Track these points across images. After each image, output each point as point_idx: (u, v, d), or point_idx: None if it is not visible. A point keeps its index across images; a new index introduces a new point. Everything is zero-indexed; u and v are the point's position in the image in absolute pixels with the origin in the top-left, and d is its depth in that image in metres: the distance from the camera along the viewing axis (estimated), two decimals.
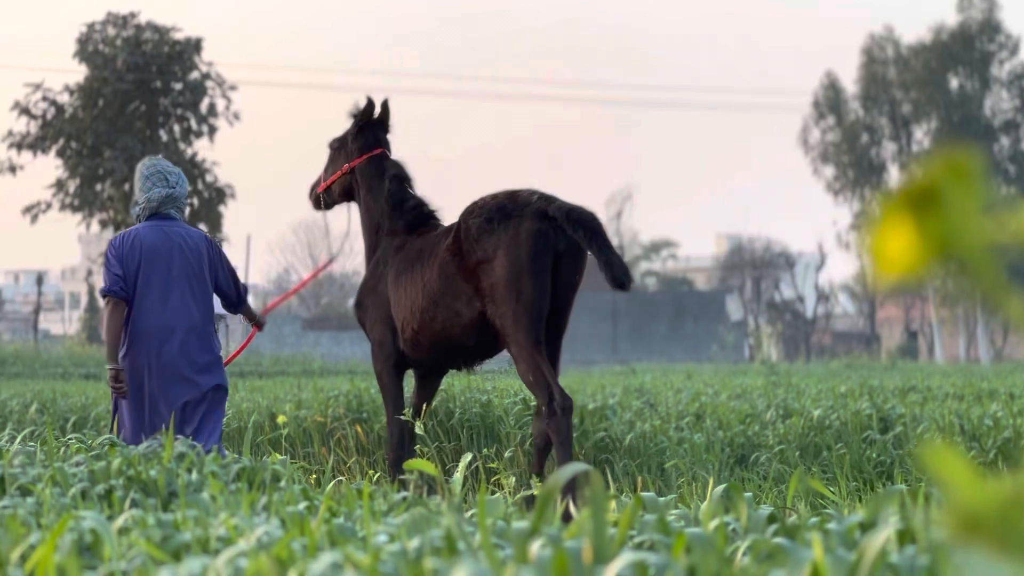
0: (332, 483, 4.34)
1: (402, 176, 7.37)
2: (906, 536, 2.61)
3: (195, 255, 6.97)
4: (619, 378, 20.07)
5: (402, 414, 7.08)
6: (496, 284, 6.48)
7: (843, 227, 57.06)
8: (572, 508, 4.90)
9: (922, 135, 56.35)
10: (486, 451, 7.87)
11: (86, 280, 47.39)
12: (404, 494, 3.74)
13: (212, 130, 38.29)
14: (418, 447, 6.99)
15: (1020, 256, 1.05)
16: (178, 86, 38.26)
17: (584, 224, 6.37)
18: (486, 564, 2.30)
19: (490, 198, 6.70)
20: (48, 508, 3.47)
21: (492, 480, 7.64)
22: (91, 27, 38.52)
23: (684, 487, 7.49)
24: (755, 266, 62.50)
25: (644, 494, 3.30)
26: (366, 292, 7.28)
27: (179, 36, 38.61)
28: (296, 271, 72.38)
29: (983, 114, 55.30)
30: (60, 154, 37.44)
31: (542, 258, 6.44)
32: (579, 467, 2.76)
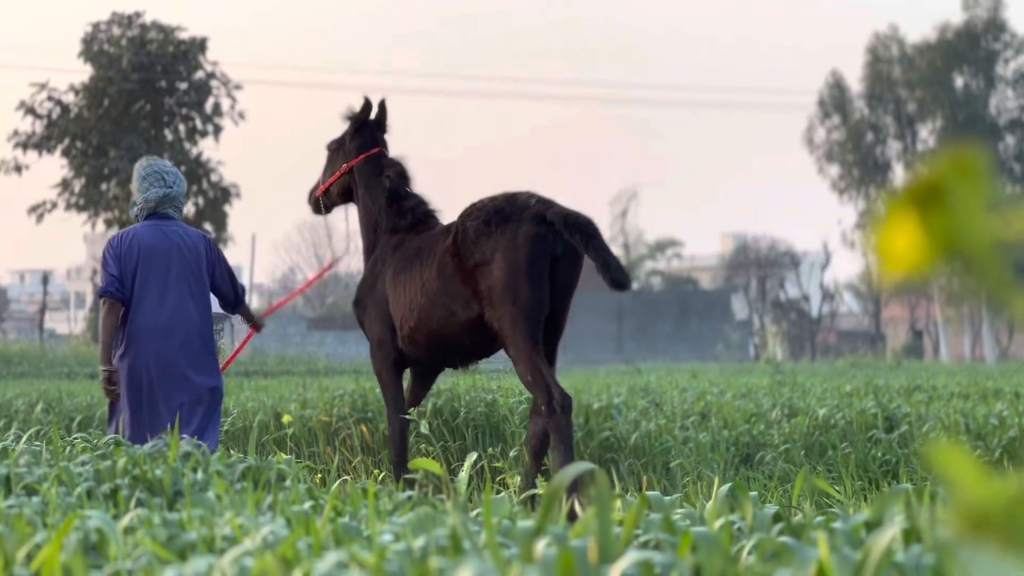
0: (337, 482, 4.34)
1: (401, 172, 7.36)
2: (912, 535, 2.60)
3: (193, 255, 6.96)
4: (624, 377, 20.08)
5: (405, 413, 7.09)
6: (494, 287, 6.47)
7: (848, 226, 57.10)
8: (577, 507, 4.89)
9: (927, 134, 56.30)
10: (491, 450, 7.87)
11: (91, 279, 47.43)
12: (409, 493, 3.75)
13: (217, 129, 38.33)
14: (423, 446, 6.98)
15: None
16: (183, 86, 38.31)
17: (580, 228, 6.38)
18: (491, 563, 2.30)
19: (488, 200, 6.69)
20: (54, 507, 3.47)
21: (497, 479, 7.64)
22: (96, 27, 38.59)
23: (689, 486, 7.49)
24: (760, 265, 62.49)
25: (649, 493, 3.30)
26: (364, 291, 7.27)
27: (184, 36, 38.68)
28: (301, 270, 72.43)
29: (988, 113, 55.24)
30: (65, 154, 37.49)
31: (540, 261, 6.44)
32: (584, 466, 2.76)
